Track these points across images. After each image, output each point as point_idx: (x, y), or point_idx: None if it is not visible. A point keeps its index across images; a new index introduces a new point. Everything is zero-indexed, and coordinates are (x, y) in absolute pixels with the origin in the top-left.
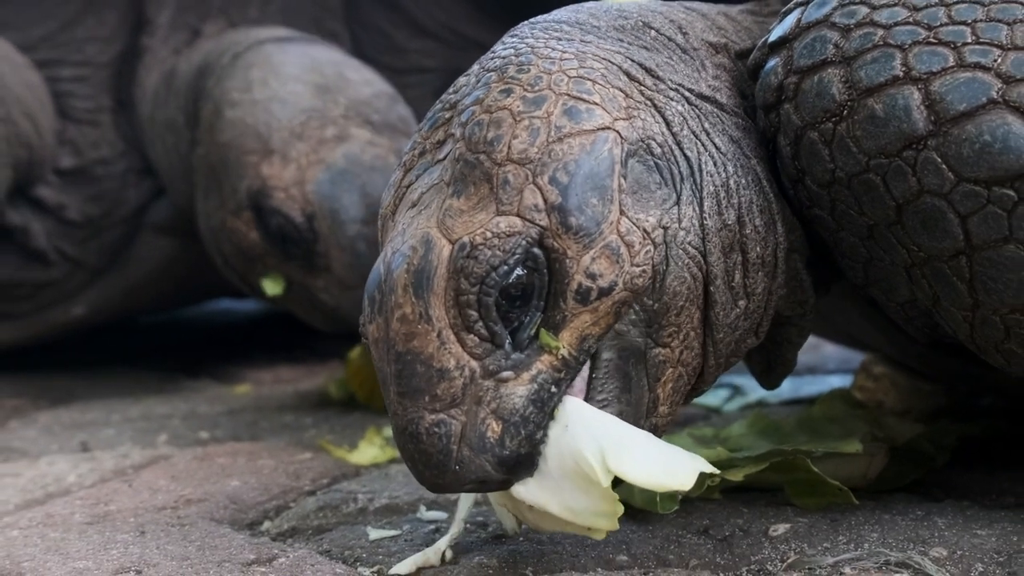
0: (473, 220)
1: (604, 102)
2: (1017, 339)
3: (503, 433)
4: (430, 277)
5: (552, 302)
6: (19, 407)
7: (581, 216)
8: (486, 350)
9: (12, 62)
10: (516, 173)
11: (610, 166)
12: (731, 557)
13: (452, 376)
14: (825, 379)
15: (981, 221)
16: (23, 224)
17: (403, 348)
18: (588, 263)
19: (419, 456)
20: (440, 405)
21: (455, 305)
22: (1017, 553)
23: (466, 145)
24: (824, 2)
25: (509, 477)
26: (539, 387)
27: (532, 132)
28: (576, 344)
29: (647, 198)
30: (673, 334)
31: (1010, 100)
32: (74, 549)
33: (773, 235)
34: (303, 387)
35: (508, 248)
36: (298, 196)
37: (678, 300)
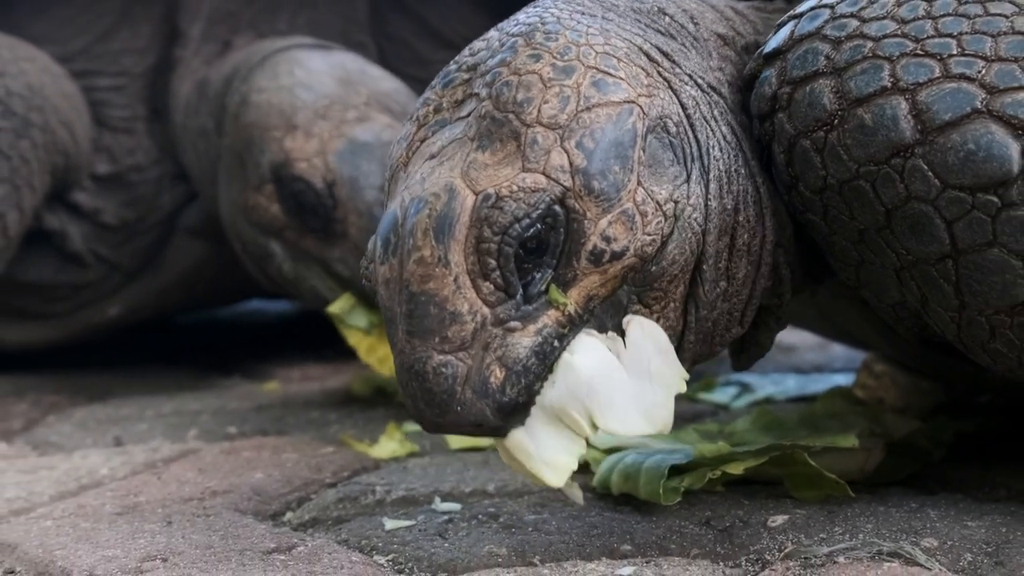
0: (498, 174)
1: (628, 78)
2: (1002, 339)
3: (505, 380)
4: (452, 224)
5: (565, 260)
6: (57, 403)
7: (604, 181)
8: (499, 299)
9: (51, 73)
10: (545, 135)
11: (633, 138)
12: (731, 547)
13: (464, 320)
14: (831, 377)
15: (966, 226)
16: (60, 228)
17: (418, 289)
18: (605, 226)
19: (422, 395)
20: (449, 347)
21: (475, 252)
22: (1005, 544)
23: (493, 104)
24: (816, 15)
25: (504, 424)
26: (543, 340)
27: (562, 99)
28: (583, 303)
29: (661, 173)
30: (658, 299)
31: (994, 110)
32: (104, 538)
33: (761, 227)
34: (329, 384)
35: (532, 203)
36: (320, 165)
37: (673, 269)
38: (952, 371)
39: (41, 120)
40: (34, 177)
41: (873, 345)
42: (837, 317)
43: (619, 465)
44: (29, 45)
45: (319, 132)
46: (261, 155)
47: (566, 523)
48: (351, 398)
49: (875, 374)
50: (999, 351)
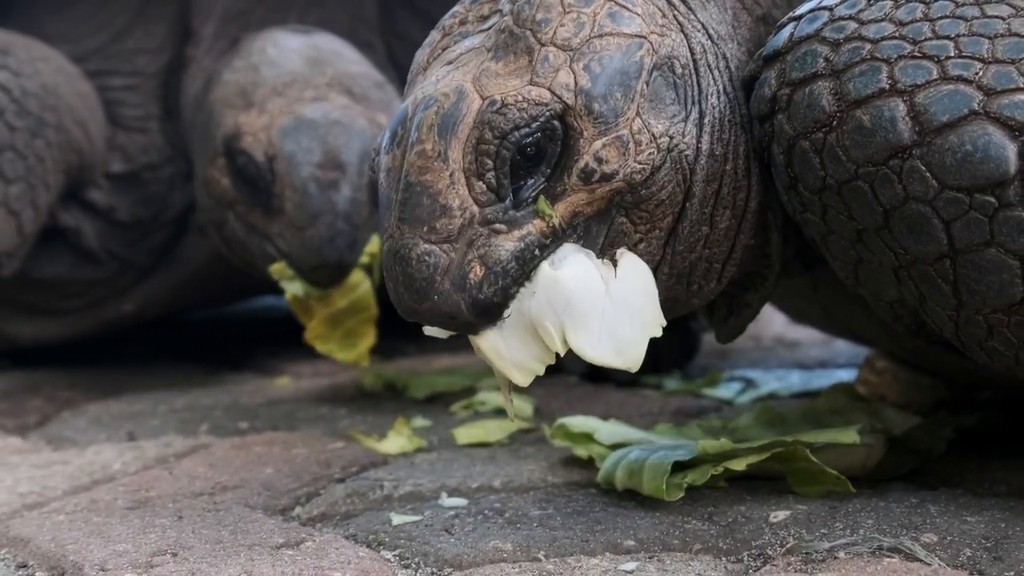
0: (507, 83)
1: (644, 15)
2: (999, 337)
3: (483, 278)
4: (457, 122)
5: (557, 174)
6: (71, 399)
7: (604, 105)
8: (489, 199)
9: (65, 73)
10: (556, 54)
11: (639, 70)
12: (733, 542)
13: (453, 214)
14: (834, 373)
15: (964, 226)
16: (75, 226)
17: (415, 179)
18: (599, 147)
19: (404, 279)
20: (435, 238)
21: (473, 152)
22: (1004, 539)
23: (513, 19)
24: (815, 17)
25: (477, 321)
26: (525, 246)
27: (578, 24)
28: (568, 218)
29: (661, 108)
30: (643, 219)
31: (990, 111)
32: (115, 533)
33: (747, 183)
34: (339, 380)
35: (534, 114)
36: (263, 139)
37: (661, 195)
38: (952, 367)
39: (56, 119)
40: (49, 176)
41: (875, 342)
42: (840, 314)
43: (623, 461)
44: (44, 45)
45: (271, 108)
46: (217, 129)
47: (570, 518)
48: (361, 393)
49: (877, 370)
50: (996, 349)
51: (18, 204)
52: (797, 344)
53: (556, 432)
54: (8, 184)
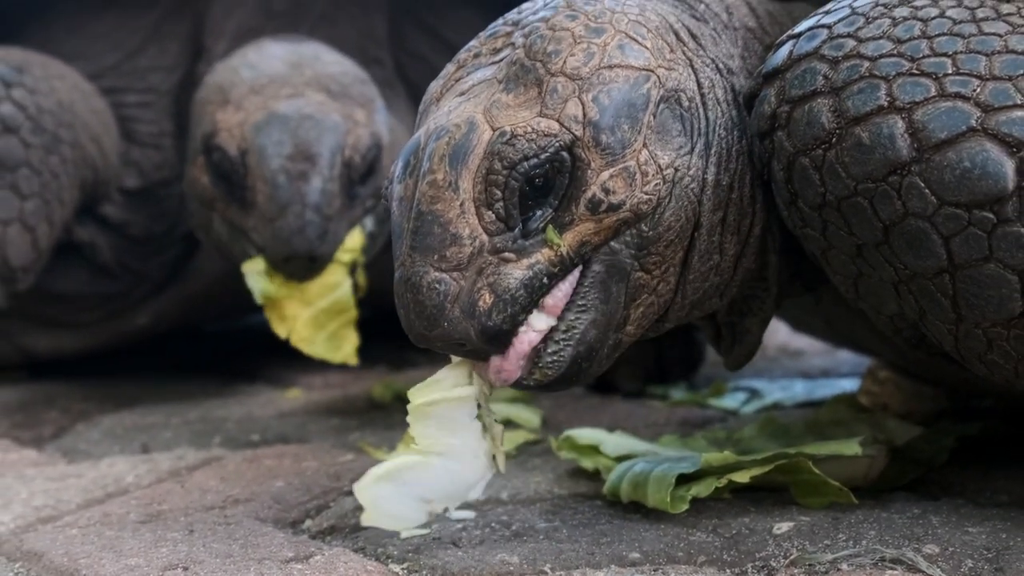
0: (517, 115)
1: (653, 49)
2: (999, 351)
3: (492, 306)
4: (467, 153)
5: (565, 205)
6: (85, 411)
7: (612, 136)
8: (498, 229)
9: (80, 90)
10: (565, 85)
11: (646, 102)
12: (737, 554)
13: (463, 243)
14: (838, 382)
15: (963, 242)
16: (90, 240)
17: (426, 208)
18: (606, 178)
19: (415, 307)
20: (446, 266)
21: (484, 181)
22: (1005, 550)
23: (525, 52)
24: (814, 35)
25: (485, 347)
26: (534, 275)
27: (588, 55)
28: (575, 247)
29: (667, 140)
30: (657, 263)
31: (988, 128)
32: (127, 547)
33: (752, 209)
34: (351, 391)
35: (542, 145)
36: (237, 134)
37: (670, 234)
38: (954, 378)
39: (71, 136)
40: (64, 191)
41: (877, 352)
42: (842, 326)
43: (628, 474)
44: (60, 63)
45: (247, 106)
46: (197, 128)
47: (576, 531)
48: (372, 405)
49: (879, 380)
50: (996, 362)
51: (33, 219)
52: (801, 353)
53: (562, 444)
54: (23, 200)
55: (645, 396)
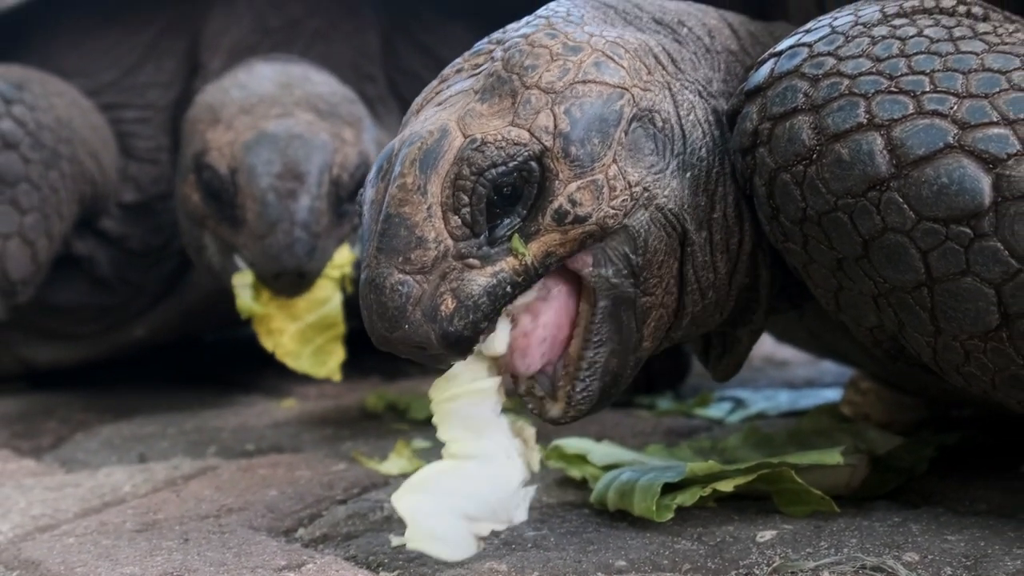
0: (489, 124)
1: (629, 69)
2: (976, 363)
3: (454, 311)
4: (437, 158)
5: (532, 214)
6: (85, 421)
7: (581, 149)
8: (464, 234)
9: (79, 106)
10: (539, 97)
11: (618, 119)
12: (721, 562)
13: (428, 246)
14: (821, 392)
15: (940, 256)
16: (89, 254)
17: (394, 211)
18: (573, 190)
19: (377, 307)
20: (410, 268)
21: (451, 187)
22: (984, 557)
23: (503, 64)
24: (795, 54)
25: (445, 353)
26: (497, 283)
27: (563, 70)
28: (540, 257)
29: (639, 158)
30: (656, 284)
31: (965, 145)
32: (123, 555)
33: (739, 229)
34: (344, 401)
35: (511, 153)
36: (227, 153)
37: (658, 256)
38: (933, 388)
39: (69, 152)
40: (63, 206)
41: (859, 364)
42: (825, 337)
43: (615, 483)
44: (59, 80)
45: (237, 125)
46: (188, 147)
47: (564, 539)
48: (365, 415)
49: (861, 391)
50: (973, 374)
51: (33, 234)
52: (786, 363)
53: (551, 453)
54: (23, 214)
55: (632, 406)
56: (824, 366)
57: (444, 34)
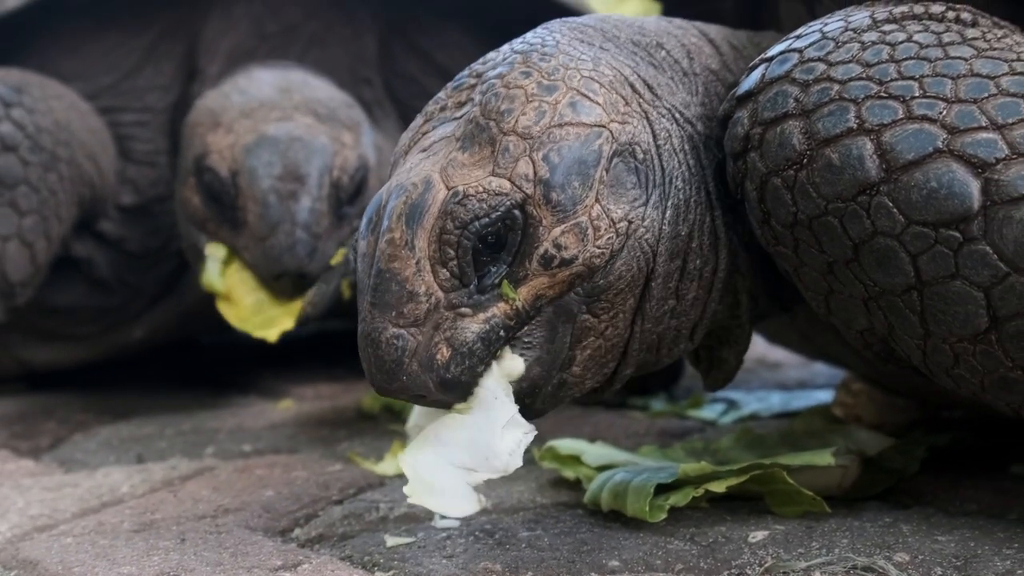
0: (471, 174)
1: (606, 104)
2: (965, 365)
3: (450, 359)
4: (423, 212)
5: (519, 260)
6: (84, 421)
7: (562, 194)
8: (454, 285)
9: (78, 110)
10: (517, 144)
11: (597, 159)
12: (714, 562)
13: (420, 300)
14: (813, 393)
15: (930, 260)
16: (87, 256)
17: (384, 266)
18: (558, 235)
19: (375, 360)
20: (404, 322)
21: (438, 241)
22: (974, 558)
23: (481, 110)
24: (786, 59)
25: (445, 398)
26: (490, 328)
27: (539, 113)
28: (530, 300)
29: (621, 193)
30: (605, 309)
31: (955, 149)
32: (121, 555)
33: (714, 256)
34: (340, 402)
35: (493, 204)
36: (228, 156)
37: (620, 283)
38: (924, 390)
39: (68, 154)
40: (61, 208)
41: (850, 365)
42: (817, 340)
43: (608, 483)
44: (58, 83)
45: (238, 128)
46: (189, 151)
47: (558, 539)
48: (361, 416)
49: (853, 392)
50: (962, 376)
51: (31, 235)
52: (778, 365)
53: (545, 454)
54: (22, 216)
55: (626, 407)
56: (816, 368)
57: (440, 38)
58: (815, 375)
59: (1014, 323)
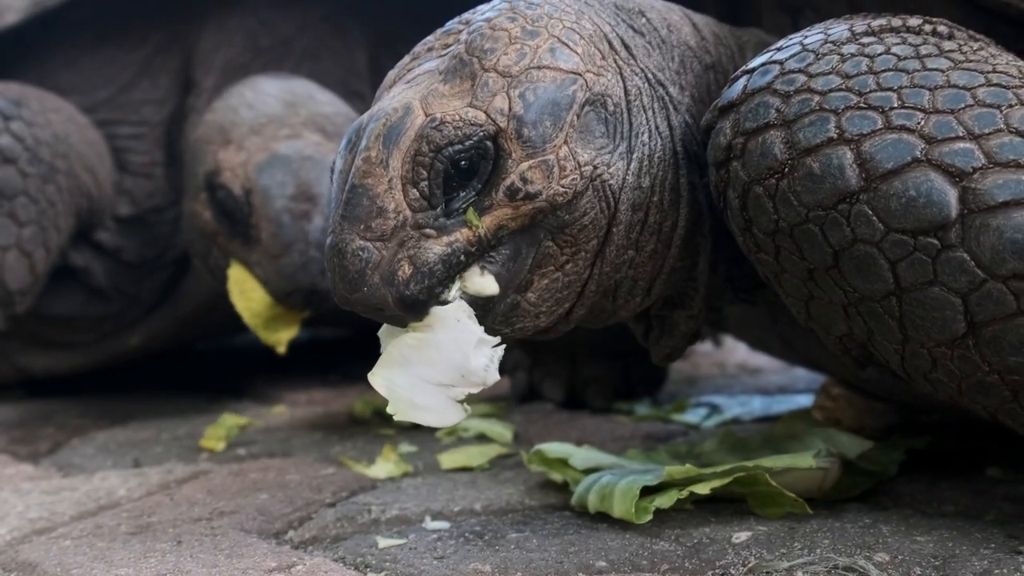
0: (449, 104)
1: (583, 55)
2: (943, 369)
3: (411, 276)
4: (400, 134)
5: (486, 189)
6: (81, 426)
7: (533, 131)
8: (422, 206)
9: (75, 122)
10: (496, 80)
11: (570, 103)
12: (698, 562)
13: (388, 216)
14: (794, 398)
15: (909, 266)
16: (85, 265)
17: (358, 182)
18: (525, 169)
19: (339, 270)
20: (370, 236)
21: (411, 162)
22: (952, 558)
23: (466, 48)
24: (767, 70)
25: (402, 314)
26: (452, 252)
27: (520, 55)
28: (493, 229)
29: (589, 140)
30: (568, 243)
31: (932, 159)
32: (118, 557)
33: (675, 212)
34: (333, 407)
35: (468, 133)
36: (241, 174)
37: (585, 220)
38: (902, 394)
39: (66, 166)
40: (60, 219)
41: (830, 370)
42: (798, 345)
43: (595, 485)
44: (56, 97)
45: (249, 146)
46: (200, 166)
47: (546, 540)
48: (353, 420)
49: (833, 396)
50: (940, 380)
51: (30, 245)
52: (759, 371)
53: (533, 457)
54: (21, 227)
55: (612, 412)
56: (796, 373)
57: None
58: (795, 380)
59: (991, 328)
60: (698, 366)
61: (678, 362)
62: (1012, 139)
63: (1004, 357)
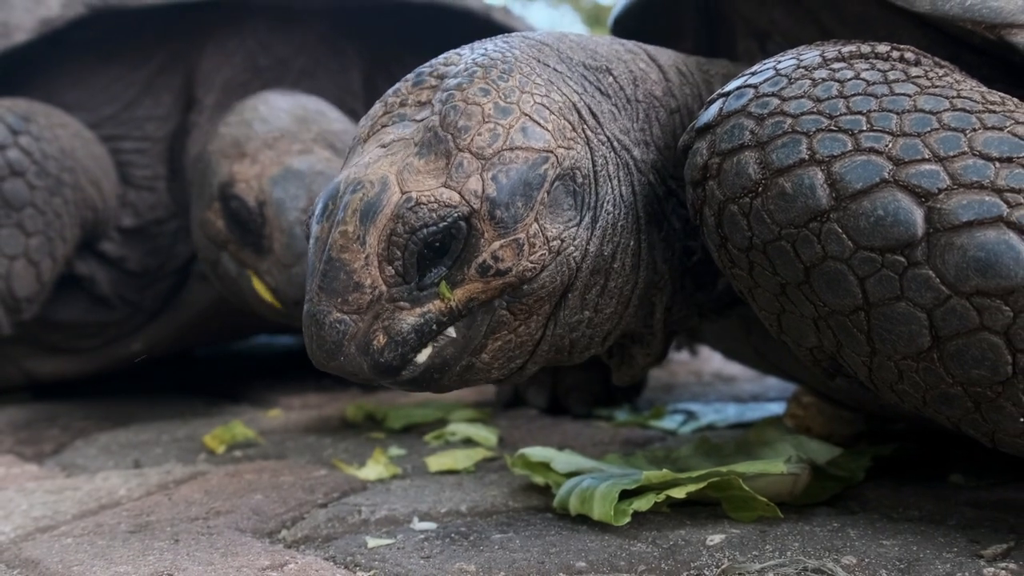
0: (424, 182)
1: (554, 131)
2: (909, 381)
3: (385, 345)
4: (376, 212)
5: (459, 265)
6: (84, 428)
7: (505, 212)
8: (396, 281)
9: (81, 137)
10: (470, 162)
11: (541, 182)
12: (674, 563)
13: (364, 291)
14: (766, 406)
15: (877, 282)
16: (90, 274)
17: (335, 255)
18: (497, 248)
19: (317, 340)
20: (347, 309)
21: (387, 241)
22: (916, 561)
23: (440, 121)
24: (742, 94)
25: (376, 379)
26: (424, 322)
27: (493, 136)
28: (464, 302)
29: (558, 214)
30: (523, 311)
31: (900, 180)
32: (117, 555)
33: (635, 276)
34: (326, 411)
35: (442, 215)
36: (255, 186)
37: (542, 292)
38: (870, 403)
39: (72, 179)
40: (66, 230)
41: (802, 380)
42: (770, 355)
43: (576, 489)
44: (63, 112)
45: (263, 159)
46: (213, 177)
47: (528, 541)
48: (345, 424)
49: (803, 405)
50: (906, 391)
51: (37, 255)
52: (733, 379)
53: (517, 461)
54: (29, 237)
55: (592, 418)
56: (769, 382)
57: None
58: (768, 389)
59: (954, 342)
60: (675, 374)
61: (656, 370)
62: (976, 161)
63: (967, 370)
